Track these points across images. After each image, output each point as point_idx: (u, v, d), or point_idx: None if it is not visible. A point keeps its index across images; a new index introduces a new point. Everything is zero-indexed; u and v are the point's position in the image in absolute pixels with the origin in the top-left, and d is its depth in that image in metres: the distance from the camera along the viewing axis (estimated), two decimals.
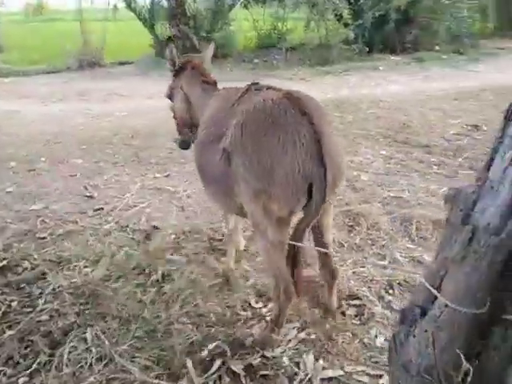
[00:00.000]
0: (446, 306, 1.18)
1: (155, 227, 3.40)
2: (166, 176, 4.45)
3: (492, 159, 1.15)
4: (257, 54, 12.41)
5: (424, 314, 1.26)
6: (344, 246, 3.07)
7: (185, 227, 3.37)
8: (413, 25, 11.83)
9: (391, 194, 3.66)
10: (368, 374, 1.99)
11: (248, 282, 2.69)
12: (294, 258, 1.99)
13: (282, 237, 1.92)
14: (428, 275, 1.27)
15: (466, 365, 1.10)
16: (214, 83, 2.65)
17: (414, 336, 1.27)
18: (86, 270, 2.88)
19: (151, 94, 8.50)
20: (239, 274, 2.77)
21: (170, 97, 2.85)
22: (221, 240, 3.14)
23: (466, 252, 1.15)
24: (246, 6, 14.24)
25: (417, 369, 1.25)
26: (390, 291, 2.58)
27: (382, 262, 2.84)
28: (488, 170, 1.16)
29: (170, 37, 2.94)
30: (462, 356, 1.11)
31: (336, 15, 11.71)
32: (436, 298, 1.23)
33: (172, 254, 2.97)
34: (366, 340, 2.20)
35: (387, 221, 3.26)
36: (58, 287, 2.70)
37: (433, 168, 4.31)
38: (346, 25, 11.12)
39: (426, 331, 1.23)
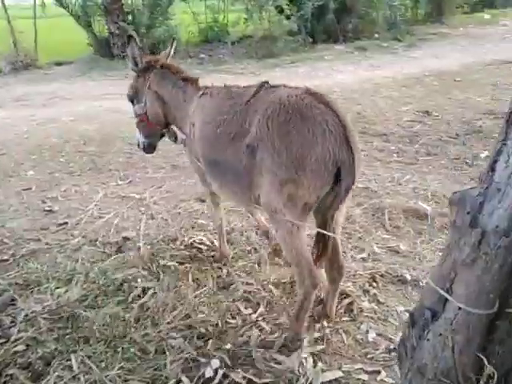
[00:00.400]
0: (459, 308, 1.22)
1: (126, 238, 3.27)
2: (129, 183, 4.28)
3: (495, 161, 1.19)
4: (202, 48, 12.21)
5: (435, 316, 1.29)
6: None
7: (158, 236, 3.27)
8: (352, 14, 12.18)
9: (359, 185, 3.76)
10: (366, 372, 2.03)
11: (233, 286, 2.67)
12: (323, 245, 2.06)
13: (303, 223, 2.01)
14: (436, 278, 1.31)
15: (490, 368, 1.14)
16: (196, 80, 2.60)
17: (428, 340, 1.30)
18: (59, 290, 2.71)
19: (96, 95, 8.14)
20: (225, 279, 2.73)
21: (134, 98, 2.72)
22: (199, 249, 3.06)
23: (476, 255, 1.19)
24: (184, 0, 13.95)
25: (433, 372, 1.28)
26: (374, 284, 2.66)
27: (362, 256, 2.91)
28: (491, 171, 1.20)
29: (129, 35, 2.79)
30: (484, 359, 1.15)
31: (276, 7, 11.76)
32: (447, 300, 1.26)
33: (149, 267, 2.86)
34: (358, 336, 2.25)
35: (360, 213, 3.35)
36: (31, 313, 2.52)
37: (393, 156, 4.48)
38: (287, 17, 11.20)
39: (440, 335, 1.26)
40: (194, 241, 3.09)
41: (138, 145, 2.86)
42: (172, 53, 2.80)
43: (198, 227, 3.37)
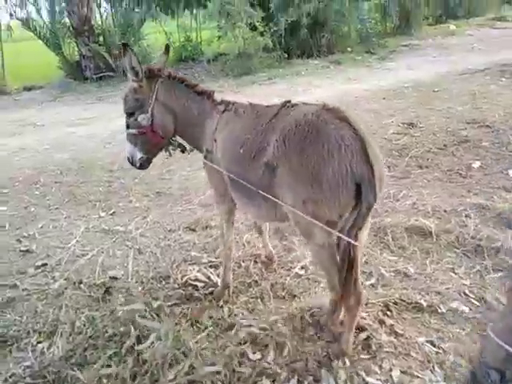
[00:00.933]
0: None
1: (114, 278, 3.00)
2: (112, 214, 4.00)
3: None
4: (176, 67, 12.01)
5: (504, 378, 1.10)
6: None
7: (148, 274, 3.01)
8: (324, 29, 12.27)
9: None
10: None
11: (237, 327, 2.43)
12: (348, 262, 1.99)
13: (331, 239, 1.99)
14: (501, 331, 1.13)
15: None
16: (212, 94, 2.52)
17: None
18: (42, 346, 2.42)
19: (70, 121, 7.80)
20: (227, 319, 2.49)
21: (136, 109, 2.47)
22: (195, 286, 2.81)
23: None
24: (155, 19, 13.82)
25: None
26: (388, 313, 2.48)
27: (371, 282, 2.73)
28: None
29: (124, 43, 2.59)
30: None
31: (250, 24, 11.74)
32: None
33: (144, 310, 2.59)
34: (382, 377, 2.05)
35: None
36: (11, 376, 2.23)
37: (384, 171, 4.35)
38: (261, 34, 11.18)
39: None
40: (189, 278, 2.84)
41: (131, 161, 2.60)
42: (165, 61, 2.61)
43: (191, 260, 3.13)
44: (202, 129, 2.50)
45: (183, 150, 2.65)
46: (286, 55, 11.65)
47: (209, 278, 2.87)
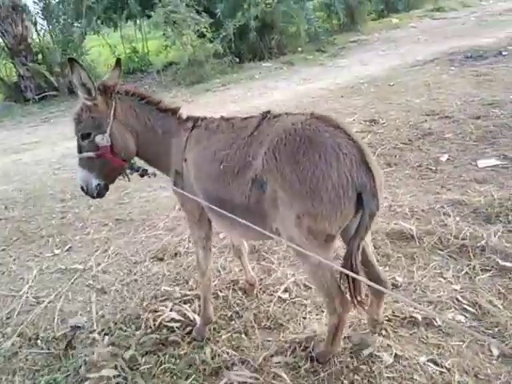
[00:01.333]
0: None
1: (76, 327, 2.65)
2: (68, 250, 3.62)
3: None
4: (125, 80, 11.53)
5: None
6: (310, 286, 2.72)
7: (115, 317, 2.68)
8: (273, 31, 12.17)
9: None
10: None
11: (223, 372, 2.16)
12: (352, 270, 1.88)
13: (329, 255, 1.93)
14: None
15: None
16: (177, 111, 2.31)
17: None
18: None
19: (13, 147, 7.23)
20: (211, 363, 2.22)
21: (92, 130, 2.19)
22: (170, 328, 2.51)
23: None
24: (97, 33, 13.23)
25: None
26: (384, 332, 2.29)
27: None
28: None
29: (71, 58, 2.28)
30: None
31: (197, 31, 11.45)
32: None
33: (114, 367, 2.27)
34: None
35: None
36: None
37: None
38: (210, 40, 10.92)
39: None
40: (162, 320, 2.53)
41: (86, 189, 2.29)
42: (119, 75, 2.33)
43: (162, 296, 2.83)
44: (168, 149, 2.28)
45: (143, 174, 2.36)
46: (238, 60, 11.43)
47: (184, 315, 2.58)
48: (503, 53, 8.43)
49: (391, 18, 17.69)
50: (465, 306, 2.46)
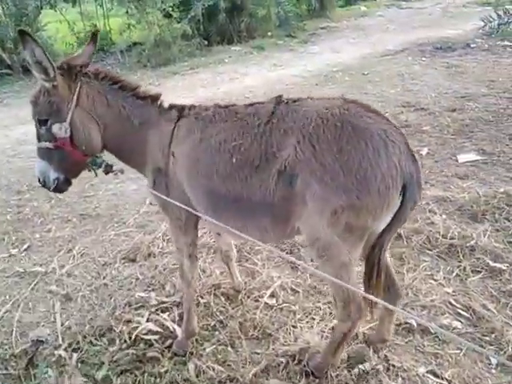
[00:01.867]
0: None
1: (39, 342, 2.35)
2: (27, 250, 3.25)
3: None
4: None
5: None
6: (298, 290, 2.57)
7: (84, 329, 2.41)
8: (243, 13, 11.78)
9: None
10: None
11: None
12: (377, 272, 1.80)
13: (358, 254, 1.77)
14: None
15: None
16: (158, 98, 2.04)
17: None
18: None
19: None
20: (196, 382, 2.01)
21: (48, 117, 1.92)
22: (147, 341, 2.27)
23: None
24: (53, 7, 12.31)
25: None
26: None
27: None
28: None
29: (21, 30, 1.91)
30: None
31: (164, 10, 10.89)
32: None
33: None
34: None
35: None
36: None
37: None
38: (178, 20, 10.41)
39: None
40: (139, 333, 2.28)
41: (44, 182, 2.05)
42: (91, 52, 2.06)
43: (137, 303, 2.57)
44: (145, 143, 2.01)
45: (107, 171, 2.09)
46: (206, 42, 11.00)
47: (163, 326, 2.34)
48: (471, 45, 8.53)
49: (359, 5, 17.68)
50: (459, 311, 2.38)
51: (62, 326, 2.45)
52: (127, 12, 11.07)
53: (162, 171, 1.97)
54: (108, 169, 2.07)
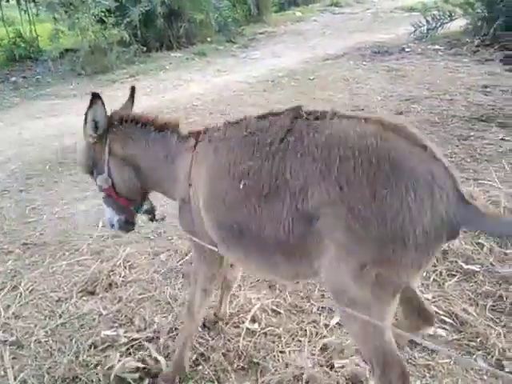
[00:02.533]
0: None
1: None
2: None
3: None
4: (10, 69, 10.03)
5: None
6: (279, 311, 2.42)
7: (42, 379, 2.09)
8: (181, 18, 11.53)
9: None
10: None
11: None
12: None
13: (392, 310, 1.48)
14: None
15: None
16: (176, 125, 1.94)
17: None
18: None
19: None
20: None
21: (92, 169, 2.01)
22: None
23: None
24: None
25: None
26: None
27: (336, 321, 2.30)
28: None
29: (94, 93, 1.77)
30: None
31: (97, 15, 10.34)
32: None
33: None
34: None
35: None
36: None
37: None
38: (113, 26, 9.94)
39: None
40: (115, 375, 2.01)
41: (112, 225, 2.10)
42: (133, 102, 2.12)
43: (103, 343, 2.28)
44: (173, 175, 1.92)
45: (151, 219, 2.16)
46: (145, 48, 10.62)
47: (144, 360, 2.09)
48: (406, 49, 8.93)
49: (293, 10, 18.04)
50: (442, 317, 2.35)
51: (15, 380, 2.11)
52: (54, 18, 10.40)
53: (185, 201, 1.83)
54: (151, 217, 2.13)
